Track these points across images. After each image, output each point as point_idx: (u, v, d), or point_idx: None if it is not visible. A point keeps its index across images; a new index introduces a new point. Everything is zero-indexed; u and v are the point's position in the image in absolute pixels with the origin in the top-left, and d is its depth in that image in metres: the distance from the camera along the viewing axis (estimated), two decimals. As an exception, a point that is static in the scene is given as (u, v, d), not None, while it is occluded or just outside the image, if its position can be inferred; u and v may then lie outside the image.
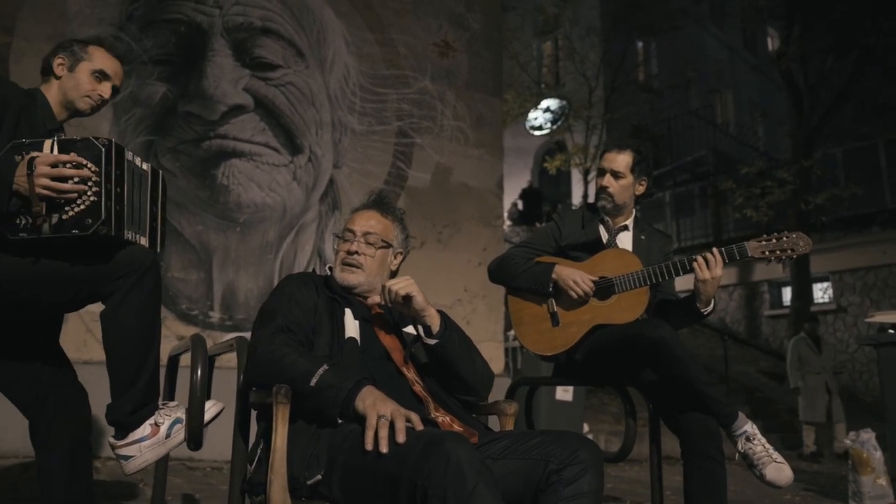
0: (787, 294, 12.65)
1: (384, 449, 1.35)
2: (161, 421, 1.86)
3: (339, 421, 1.49)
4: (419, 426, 1.41)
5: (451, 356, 1.76)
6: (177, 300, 4.56)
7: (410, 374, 1.74)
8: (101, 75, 2.02)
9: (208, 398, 1.86)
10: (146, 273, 1.84)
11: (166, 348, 2.18)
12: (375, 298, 1.81)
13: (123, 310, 1.82)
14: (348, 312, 1.78)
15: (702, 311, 2.43)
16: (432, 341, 1.74)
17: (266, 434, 1.61)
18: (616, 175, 2.59)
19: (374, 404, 1.43)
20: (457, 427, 1.63)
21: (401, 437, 1.36)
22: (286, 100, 5.06)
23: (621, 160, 2.59)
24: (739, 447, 2.24)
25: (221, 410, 1.91)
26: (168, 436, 1.85)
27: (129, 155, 1.85)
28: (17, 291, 1.75)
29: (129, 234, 1.83)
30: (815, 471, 6.61)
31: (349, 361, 1.67)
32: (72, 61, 2.01)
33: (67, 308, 1.94)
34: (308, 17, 5.24)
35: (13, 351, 1.95)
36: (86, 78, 2.00)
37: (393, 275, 1.94)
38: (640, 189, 2.66)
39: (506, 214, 14.21)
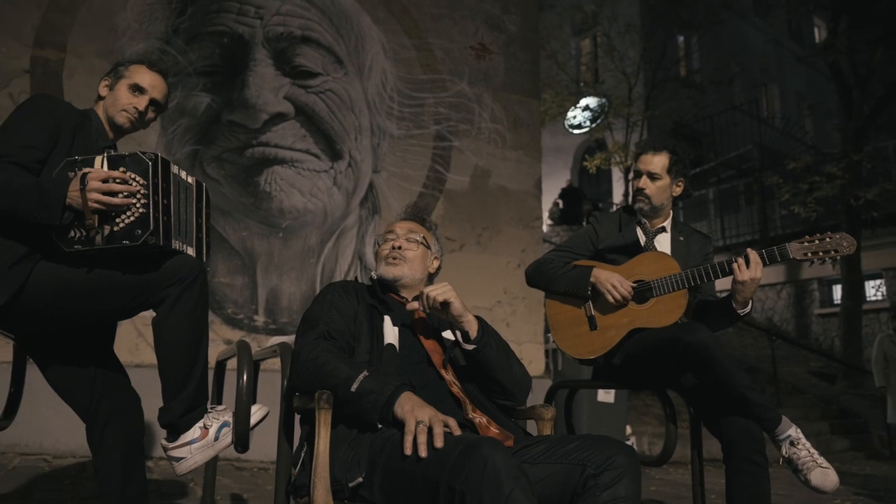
0: (837, 292, 12.29)
1: (423, 454, 1.39)
2: (210, 424, 1.93)
3: (379, 426, 1.53)
4: (457, 431, 1.45)
5: (489, 361, 1.79)
6: (223, 305, 4.68)
7: (449, 376, 1.77)
8: (136, 89, 2.09)
9: (254, 402, 1.93)
10: (194, 281, 1.91)
11: (214, 352, 2.25)
12: (415, 304, 1.85)
13: (173, 317, 1.89)
14: (387, 319, 1.83)
15: (738, 311, 2.40)
16: (470, 347, 1.78)
17: (309, 438, 1.67)
18: (652, 177, 2.58)
19: (413, 410, 1.47)
20: (493, 429, 1.65)
21: (438, 443, 1.39)
22: (326, 106, 5.14)
23: (657, 162, 2.58)
24: (784, 452, 2.19)
25: (267, 414, 1.97)
26: (216, 438, 1.92)
27: (174, 168, 1.92)
28: (73, 301, 1.84)
29: (176, 244, 1.91)
30: (866, 474, 6.42)
31: (389, 367, 1.71)
32: (113, 81, 2.11)
33: (120, 316, 2.01)
34: (346, 25, 5.32)
35: (70, 358, 2.04)
36: (123, 93, 2.08)
37: (431, 279, 2.01)
38: (678, 190, 2.64)
39: (546, 214, 14.13)
